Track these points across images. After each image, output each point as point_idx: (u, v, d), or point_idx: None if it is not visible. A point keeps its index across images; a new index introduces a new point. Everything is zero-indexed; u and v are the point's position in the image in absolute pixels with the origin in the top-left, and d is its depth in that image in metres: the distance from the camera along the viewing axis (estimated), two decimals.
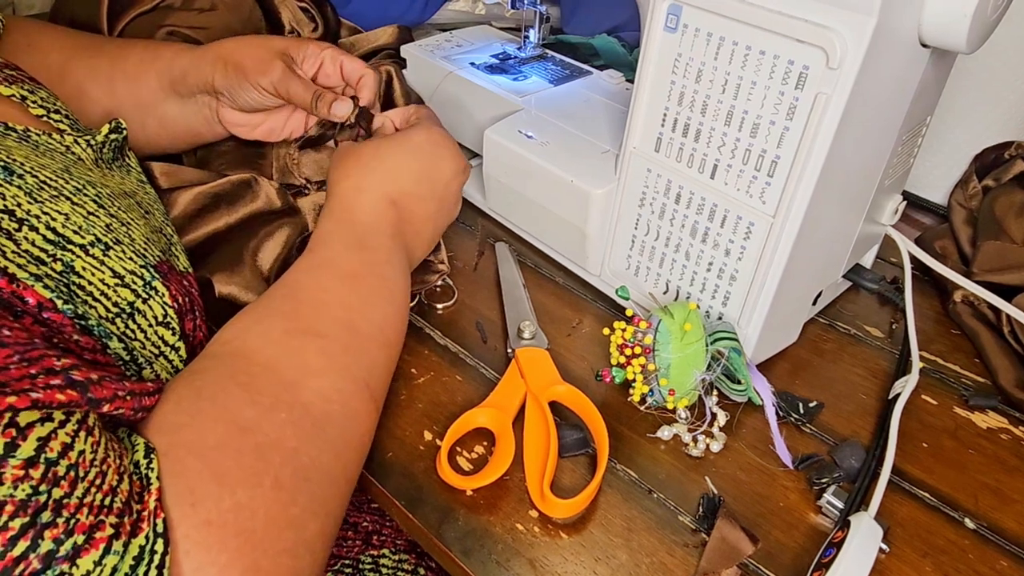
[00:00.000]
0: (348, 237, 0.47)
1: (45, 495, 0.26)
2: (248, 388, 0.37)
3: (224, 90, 0.56)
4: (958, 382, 0.53)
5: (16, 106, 0.44)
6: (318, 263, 0.46)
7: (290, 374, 0.38)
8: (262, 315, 0.42)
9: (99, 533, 0.27)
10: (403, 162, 0.51)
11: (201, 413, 0.34)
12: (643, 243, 0.54)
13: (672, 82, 0.48)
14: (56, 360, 0.28)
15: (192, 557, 0.30)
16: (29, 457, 0.26)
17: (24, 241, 0.35)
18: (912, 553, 0.42)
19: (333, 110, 0.56)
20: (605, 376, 0.48)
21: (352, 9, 0.82)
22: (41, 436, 0.26)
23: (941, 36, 0.42)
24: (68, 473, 0.27)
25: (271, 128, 0.61)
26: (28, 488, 0.25)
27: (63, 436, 0.27)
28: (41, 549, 0.25)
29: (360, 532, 0.56)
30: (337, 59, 0.59)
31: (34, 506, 0.25)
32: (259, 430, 0.35)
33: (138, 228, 0.42)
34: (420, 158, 0.52)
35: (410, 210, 0.51)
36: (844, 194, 0.48)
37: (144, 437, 0.32)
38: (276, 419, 0.36)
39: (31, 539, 0.25)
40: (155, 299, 0.40)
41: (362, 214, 0.49)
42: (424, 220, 0.53)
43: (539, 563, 0.41)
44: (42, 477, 0.26)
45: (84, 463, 0.27)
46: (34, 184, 0.37)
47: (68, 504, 0.26)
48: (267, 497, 0.33)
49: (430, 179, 0.52)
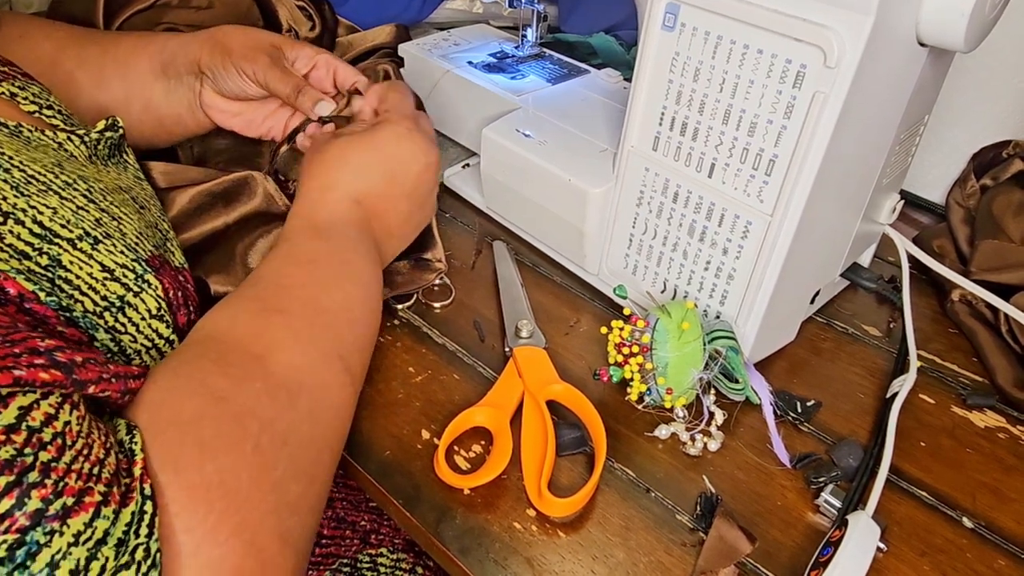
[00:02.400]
0: (309, 232, 0.48)
1: (31, 457, 0.26)
2: (219, 362, 0.37)
3: (208, 70, 0.56)
4: (956, 381, 0.53)
5: (7, 103, 0.44)
6: (284, 253, 0.47)
7: (258, 347, 0.39)
8: (229, 302, 0.43)
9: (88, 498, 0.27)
10: (368, 161, 0.51)
11: (176, 388, 0.35)
12: (641, 242, 0.54)
13: (670, 81, 0.48)
14: (40, 341, 0.29)
15: (181, 519, 0.30)
16: (9, 424, 0.26)
17: (8, 235, 0.35)
18: (910, 552, 0.42)
19: (317, 109, 0.56)
20: (603, 375, 0.48)
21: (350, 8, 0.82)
22: (23, 405, 0.26)
23: (939, 35, 0.41)
24: (55, 440, 0.27)
25: (249, 120, 0.61)
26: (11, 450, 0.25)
27: (46, 407, 0.27)
28: (28, 507, 0.25)
29: (358, 531, 0.56)
30: (331, 65, 0.59)
31: (19, 466, 0.25)
32: (234, 400, 0.35)
33: (131, 223, 0.42)
34: (386, 157, 0.51)
35: (378, 208, 0.51)
36: (842, 193, 0.48)
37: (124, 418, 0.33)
38: (250, 389, 0.36)
39: (16, 497, 0.25)
40: (148, 292, 0.40)
41: (325, 212, 0.49)
42: (394, 217, 0.53)
43: (537, 562, 0.41)
44: (25, 441, 0.26)
45: (71, 432, 0.28)
46: (21, 178, 0.37)
47: (56, 468, 0.26)
48: (248, 461, 0.33)
49: (397, 177, 0.52)
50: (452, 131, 0.76)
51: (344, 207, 0.50)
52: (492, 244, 0.65)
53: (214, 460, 0.32)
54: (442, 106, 0.74)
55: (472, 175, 0.71)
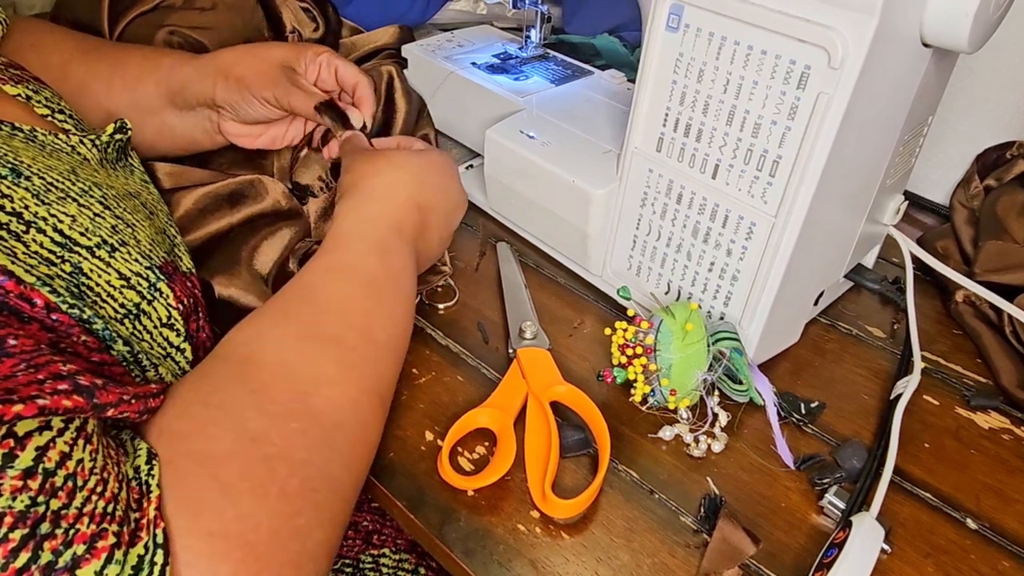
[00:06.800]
0: (369, 238, 0.46)
1: (43, 506, 0.25)
2: (259, 395, 0.36)
3: (225, 104, 0.55)
4: (960, 382, 0.53)
5: (21, 106, 0.44)
6: (337, 265, 0.45)
7: (303, 382, 0.37)
8: (276, 319, 0.41)
9: (101, 542, 0.27)
10: (428, 172, 0.51)
11: (209, 421, 0.34)
12: (644, 243, 0.54)
13: (674, 82, 0.48)
14: (62, 365, 0.28)
15: (194, 568, 0.29)
16: (27, 468, 0.25)
17: (33, 243, 0.35)
18: (914, 553, 0.42)
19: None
20: (606, 376, 0.48)
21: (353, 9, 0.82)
22: (39, 446, 0.26)
23: (943, 36, 0.41)
24: (66, 483, 0.26)
25: (273, 137, 0.61)
26: (27, 499, 0.25)
27: (61, 445, 0.27)
28: (41, 560, 0.25)
29: (360, 532, 0.56)
30: (332, 64, 0.58)
31: (33, 517, 0.25)
32: (268, 440, 0.34)
33: (143, 229, 0.42)
34: (441, 174, 0.52)
35: (428, 221, 0.51)
36: (846, 194, 0.48)
37: (147, 442, 0.32)
38: (286, 429, 0.35)
39: (32, 550, 0.25)
40: (159, 301, 0.40)
41: (388, 213, 0.48)
42: (436, 233, 0.52)
43: (541, 564, 0.41)
44: (40, 488, 0.26)
45: (83, 472, 0.27)
46: (41, 186, 0.37)
47: (66, 515, 0.26)
48: (272, 508, 0.32)
49: (447, 196, 0.52)
50: (455, 132, 0.76)
51: (408, 209, 0.49)
52: (496, 245, 0.65)
53: (237, 506, 0.31)
54: (446, 107, 0.74)
55: (476, 176, 0.71)
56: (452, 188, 0.53)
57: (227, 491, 0.31)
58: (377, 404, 0.41)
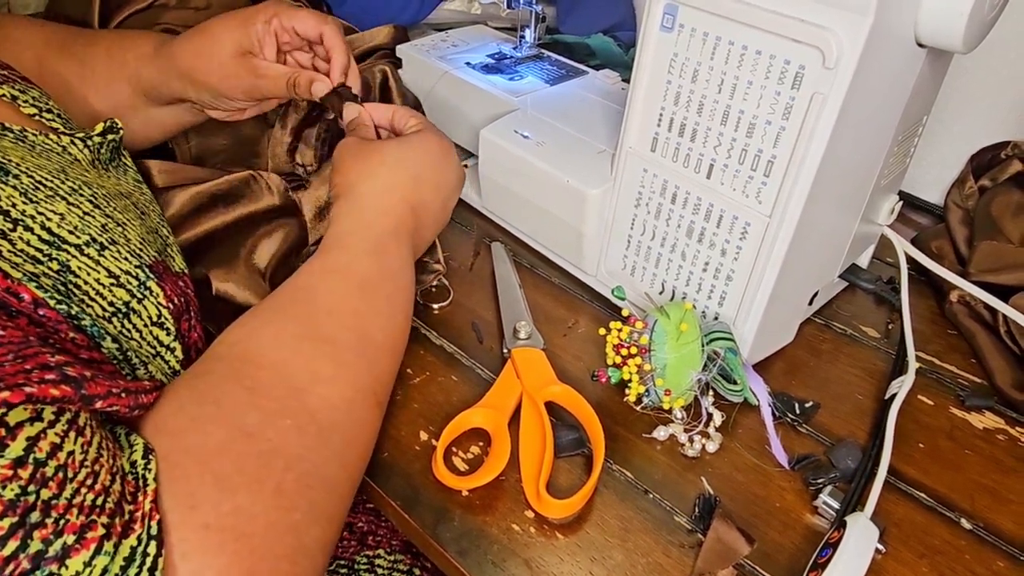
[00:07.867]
0: (366, 240, 0.46)
1: (33, 495, 0.26)
2: (254, 392, 0.36)
3: (200, 102, 0.56)
4: (954, 382, 0.53)
5: (8, 106, 0.44)
6: (333, 267, 0.45)
7: (298, 380, 0.38)
8: (272, 318, 0.41)
9: (90, 533, 0.27)
10: (425, 168, 0.50)
11: (204, 417, 0.34)
12: (639, 243, 0.54)
13: (668, 82, 0.48)
14: (50, 356, 0.28)
15: (189, 560, 0.29)
16: (18, 457, 0.25)
17: (19, 241, 0.35)
18: (908, 553, 0.42)
19: (313, 91, 0.55)
20: (601, 376, 0.48)
21: (348, 9, 0.82)
22: (30, 436, 0.26)
23: (937, 36, 0.41)
24: (56, 474, 0.26)
25: (261, 108, 0.61)
26: (16, 488, 0.25)
27: (52, 436, 0.27)
28: (30, 549, 0.25)
29: (355, 532, 0.56)
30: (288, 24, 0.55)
31: (23, 506, 0.25)
32: (263, 436, 0.34)
33: (134, 228, 0.42)
34: (436, 166, 0.51)
35: (422, 218, 0.51)
36: (840, 194, 0.48)
37: (143, 438, 0.32)
38: (281, 425, 0.35)
39: (20, 539, 0.25)
40: (149, 300, 0.40)
41: (385, 216, 0.48)
42: (430, 228, 0.52)
43: (535, 563, 0.41)
44: (30, 477, 0.26)
45: (73, 463, 0.27)
46: (29, 184, 0.37)
47: (56, 505, 0.26)
48: (268, 503, 0.32)
49: (441, 188, 0.52)
50: (450, 132, 0.76)
51: (402, 212, 0.48)
52: (490, 245, 0.65)
53: (232, 499, 0.31)
54: (440, 107, 0.74)
55: (470, 176, 0.71)
56: (447, 177, 0.52)
57: (222, 485, 0.31)
58: (373, 404, 0.41)
